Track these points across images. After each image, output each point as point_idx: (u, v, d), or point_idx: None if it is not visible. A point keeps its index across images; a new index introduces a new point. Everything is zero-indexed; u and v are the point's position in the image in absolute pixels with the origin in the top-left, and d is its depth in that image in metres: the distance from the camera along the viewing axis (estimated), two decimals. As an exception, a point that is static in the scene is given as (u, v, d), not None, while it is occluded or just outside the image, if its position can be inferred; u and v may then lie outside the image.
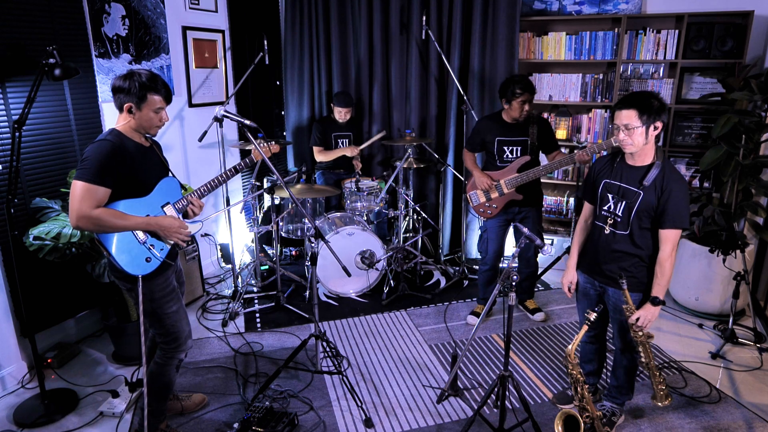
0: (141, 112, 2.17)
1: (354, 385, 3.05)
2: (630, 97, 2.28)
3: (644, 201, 2.32)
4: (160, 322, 2.36)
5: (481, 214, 3.63)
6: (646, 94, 2.29)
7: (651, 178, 2.31)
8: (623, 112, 2.26)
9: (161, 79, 2.21)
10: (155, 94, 2.17)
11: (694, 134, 4.24)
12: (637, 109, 2.23)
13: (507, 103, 3.38)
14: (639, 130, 2.25)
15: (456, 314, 3.92)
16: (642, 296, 2.45)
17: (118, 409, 2.80)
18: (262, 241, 4.78)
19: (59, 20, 3.19)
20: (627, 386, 2.66)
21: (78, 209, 2.02)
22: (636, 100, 2.25)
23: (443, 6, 4.46)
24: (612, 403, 2.71)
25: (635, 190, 2.35)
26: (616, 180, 2.42)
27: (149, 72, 2.19)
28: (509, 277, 2.31)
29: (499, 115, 3.52)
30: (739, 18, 3.96)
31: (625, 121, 2.26)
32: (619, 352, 2.62)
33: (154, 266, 2.26)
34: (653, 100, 2.25)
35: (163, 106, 2.22)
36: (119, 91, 2.15)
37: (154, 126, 2.24)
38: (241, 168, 2.57)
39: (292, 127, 5.15)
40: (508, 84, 3.34)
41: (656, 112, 2.24)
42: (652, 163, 2.34)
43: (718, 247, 3.67)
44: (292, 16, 4.87)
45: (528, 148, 3.46)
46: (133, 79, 2.14)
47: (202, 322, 3.81)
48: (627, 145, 2.31)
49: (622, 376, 2.65)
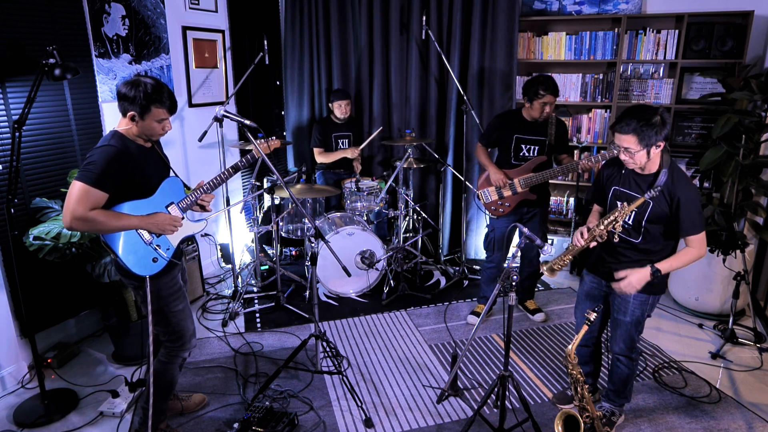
0: (144, 122, 2.16)
1: (354, 385, 3.05)
2: (627, 119, 2.18)
3: (654, 209, 2.29)
4: (166, 321, 2.36)
5: (492, 212, 3.61)
6: (644, 113, 2.17)
7: (659, 186, 2.25)
8: (622, 137, 2.20)
9: (167, 90, 2.19)
10: (160, 107, 2.16)
11: (694, 134, 4.24)
12: (637, 136, 2.16)
13: (529, 102, 3.35)
14: (640, 153, 2.22)
15: (456, 314, 3.92)
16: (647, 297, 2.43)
17: (118, 409, 2.80)
18: (262, 241, 4.78)
19: (59, 20, 3.19)
20: (624, 391, 2.66)
21: (73, 210, 2.02)
22: (634, 125, 2.15)
23: (443, 6, 4.46)
24: (611, 404, 2.71)
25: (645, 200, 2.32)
26: (626, 188, 2.39)
27: (155, 81, 2.17)
28: (509, 277, 2.31)
29: (519, 113, 3.49)
30: (739, 18, 3.96)
31: (625, 145, 2.21)
32: (616, 360, 2.60)
33: (160, 266, 2.27)
34: (655, 119, 2.15)
35: (167, 117, 2.21)
36: (124, 99, 2.13)
37: (156, 134, 2.24)
38: (243, 165, 2.57)
39: (292, 127, 5.15)
40: (533, 83, 3.30)
41: (657, 133, 2.16)
42: (658, 171, 2.30)
43: (718, 247, 3.67)
44: (292, 16, 4.87)
45: (545, 148, 3.45)
46: (138, 89, 2.11)
47: (202, 322, 3.81)
48: (629, 164, 2.30)
49: (618, 382, 2.64)
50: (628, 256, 2.42)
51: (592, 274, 2.60)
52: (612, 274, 2.45)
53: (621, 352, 2.56)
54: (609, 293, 2.55)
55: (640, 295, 2.41)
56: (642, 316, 2.46)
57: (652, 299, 2.44)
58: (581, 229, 2.42)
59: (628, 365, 2.58)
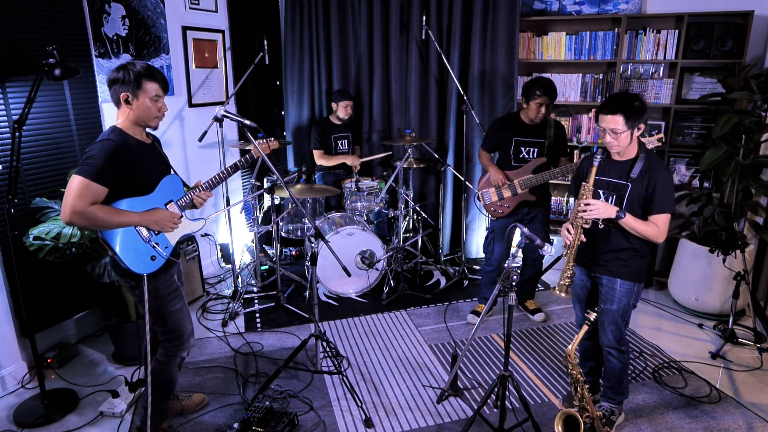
0: (138, 101, 2.15)
1: (354, 385, 3.05)
2: (614, 101, 2.35)
3: (633, 192, 2.40)
4: (164, 320, 2.36)
5: (492, 213, 3.62)
6: (628, 97, 2.35)
7: (637, 170, 2.40)
8: (609, 117, 2.34)
9: (157, 69, 2.20)
10: (151, 81, 2.16)
11: (694, 134, 4.24)
12: (623, 115, 2.31)
13: (526, 102, 3.38)
14: (625, 134, 2.35)
15: (456, 314, 3.92)
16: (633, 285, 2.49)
17: (118, 409, 2.80)
18: (262, 241, 4.78)
19: (59, 20, 3.19)
20: (619, 386, 2.67)
21: (72, 204, 2.00)
22: (621, 105, 2.31)
23: (443, 6, 4.46)
24: (609, 403, 2.71)
25: (624, 183, 2.43)
26: (605, 176, 2.49)
27: (144, 63, 2.20)
28: (509, 277, 2.31)
29: (517, 115, 3.51)
30: (739, 18, 3.96)
31: (611, 126, 2.34)
32: (608, 354, 2.62)
33: (158, 264, 2.26)
34: (636, 103, 2.32)
35: (161, 95, 2.20)
36: (114, 82, 2.14)
37: (153, 117, 2.22)
38: (243, 165, 2.57)
39: (292, 127, 5.15)
40: (531, 84, 3.34)
41: (639, 115, 2.33)
42: (636, 156, 2.43)
43: (718, 247, 3.67)
44: (292, 16, 4.87)
45: (545, 149, 3.46)
46: (127, 69, 2.13)
47: (202, 322, 3.81)
48: (613, 147, 2.41)
49: (612, 378, 2.65)
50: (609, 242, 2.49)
51: (580, 267, 2.65)
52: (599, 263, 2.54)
53: (610, 345, 2.58)
54: (597, 282, 2.60)
55: (626, 283, 2.49)
56: (628, 304, 2.52)
57: (637, 287, 2.52)
58: (565, 225, 2.51)
59: (619, 358, 2.60)
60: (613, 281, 2.51)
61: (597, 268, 2.56)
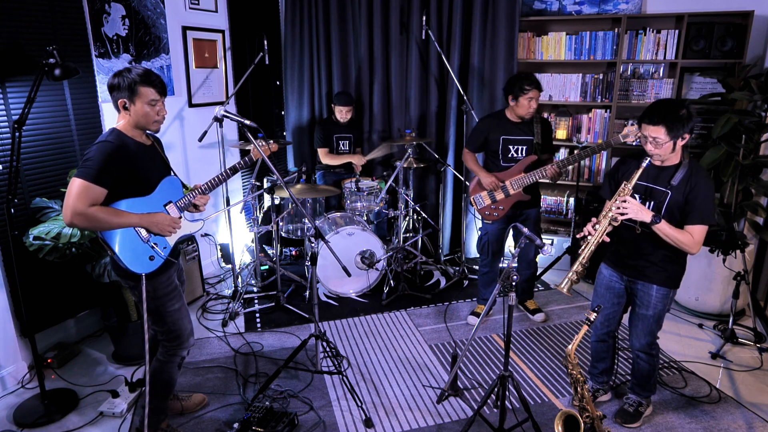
0: (135, 106, 2.17)
1: (354, 385, 3.05)
2: (657, 111, 2.26)
3: (672, 200, 2.35)
4: (163, 320, 2.36)
5: (486, 218, 3.57)
6: (673, 106, 2.26)
7: (678, 177, 2.34)
8: (651, 127, 2.27)
9: (155, 74, 2.21)
10: (148, 87, 2.16)
11: (694, 134, 4.24)
12: (665, 126, 2.24)
13: (514, 99, 3.31)
14: (667, 144, 2.28)
15: (456, 314, 3.92)
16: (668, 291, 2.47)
17: (118, 409, 2.80)
18: (262, 241, 4.78)
19: (59, 20, 3.19)
20: (648, 384, 2.69)
21: (73, 206, 2.02)
22: (665, 116, 2.23)
23: (443, 6, 4.46)
24: (636, 396, 2.74)
25: (663, 190, 2.38)
26: (643, 181, 2.43)
27: (142, 68, 2.20)
28: (509, 277, 2.31)
29: (503, 114, 3.47)
30: (739, 18, 3.96)
31: (653, 135, 2.27)
32: (637, 357, 2.63)
33: (157, 264, 2.27)
34: (682, 112, 2.23)
35: (158, 99, 2.21)
36: (113, 88, 2.17)
37: (152, 121, 2.22)
38: (241, 167, 2.57)
39: (292, 127, 5.15)
40: (516, 80, 3.28)
41: (684, 125, 2.24)
42: (679, 163, 2.37)
43: (718, 247, 3.67)
44: (292, 16, 4.87)
45: (533, 147, 3.43)
46: (123, 75, 2.15)
47: (202, 322, 3.81)
48: (655, 156, 2.34)
49: (641, 377, 2.67)
50: (644, 248, 2.45)
51: (611, 268, 2.63)
52: (634, 267, 2.50)
53: (641, 348, 2.58)
54: (631, 285, 2.57)
55: (662, 288, 2.46)
56: (663, 310, 2.51)
57: (672, 293, 2.50)
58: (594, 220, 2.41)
59: (648, 361, 2.61)
60: (649, 287, 2.48)
61: (632, 273, 2.54)
